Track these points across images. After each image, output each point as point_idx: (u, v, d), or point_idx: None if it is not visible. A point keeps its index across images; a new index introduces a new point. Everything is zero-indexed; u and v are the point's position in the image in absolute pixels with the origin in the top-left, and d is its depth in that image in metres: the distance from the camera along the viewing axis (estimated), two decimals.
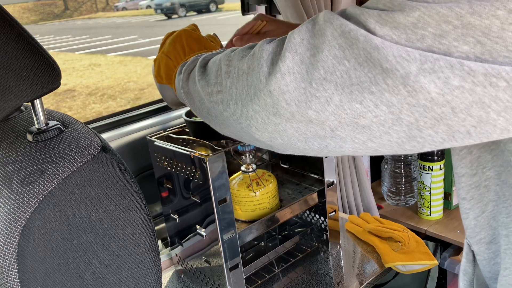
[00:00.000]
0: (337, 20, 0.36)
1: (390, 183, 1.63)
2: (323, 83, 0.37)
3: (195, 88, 0.56)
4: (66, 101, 5.55)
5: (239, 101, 0.44)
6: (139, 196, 0.60)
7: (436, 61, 0.32)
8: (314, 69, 0.37)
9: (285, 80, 0.39)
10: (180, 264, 1.09)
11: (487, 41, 0.31)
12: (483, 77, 0.32)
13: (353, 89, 0.35)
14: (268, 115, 0.41)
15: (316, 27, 0.38)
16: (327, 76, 0.36)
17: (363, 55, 0.34)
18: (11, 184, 0.53)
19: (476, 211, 0.52)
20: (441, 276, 1.55)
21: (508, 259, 0.49)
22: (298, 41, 0.38)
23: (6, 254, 0.50)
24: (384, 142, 0.38)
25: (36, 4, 13.90)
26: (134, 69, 6.75)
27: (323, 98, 0.37)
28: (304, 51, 0.38)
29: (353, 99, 0.36)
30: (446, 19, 0.32)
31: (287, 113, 0.40)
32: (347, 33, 0.35)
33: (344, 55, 0.35)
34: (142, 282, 0.60)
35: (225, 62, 0.48)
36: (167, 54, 0.72)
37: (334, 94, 0.36)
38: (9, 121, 0.68)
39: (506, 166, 0.46)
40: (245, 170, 1.00)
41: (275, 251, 1.09)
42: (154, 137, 1.00)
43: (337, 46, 0.36)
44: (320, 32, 0.37)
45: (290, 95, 0.39)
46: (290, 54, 0.38)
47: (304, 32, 0.39)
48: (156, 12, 12.11)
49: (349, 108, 0.36)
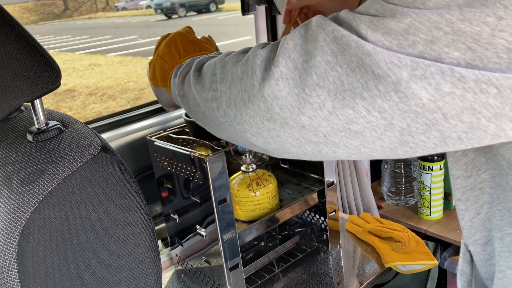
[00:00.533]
0: (329, 26, 0.37)
1: (390, 183, 1.63)
2: (316, 89, 0.37)
3: (190, 91, 0.56)
4: (66, 101, 5.55)
5: (233, 106, 0.44)
6: (139, 196, 0.60)
7: (427, 68, 0.32)
8: (307, 74, 0.37)
9: (278, 86, 0.39)
10: (180, 264, 1.09)
11: (477, 47, 0.32)
12: (474, 84, 0.32)
13: (345, 95, 0.36)
14: (262, 120, 0.42)
15: (309, 33, 0.38)
16: (320, 82, 0.36)
17: (355, 61, 0.34)
18: (11, 184, 0.53)
19: (471, 213, 0.52)
20: (441, 276, 1.55)
21: (502, 262, 0.49)
22: (291, 47, 0.39)
23: (6, 254, 0.50)
24: (377, 147, 0.38)
25: (36, 4, 13.90)
26: (134, 69, 6.75)
27: (316, 104, 0.37)
28: (297, 57, 0.38)
29: (346, 105, 0.36)
30: (437, 25, 0.32)
31: (280, 118, 0.40)
32: (339, 39, 0.35)
33: (337, 61, 0.35)
34: (142, 282, 0.60)
35: (219, 66, 0.48)
36: (162, 57, 0.71)
37: (327, 100, 0.36)
38: (9, 121, 0.68)
39: (500, 169, 0.46)
40: (245, 170, 1.00)
41: (275, 251, 1.09)
42: (154, 137, 1.00)
43: (330, 51, 0.36)
44: (312, 38, 0.37)
45: (283, 101, 0.39)
46: (283, 59, 0.38)
47: (297, 37, 0.39)
48: (156, 12, 12.11)
49: (342, 114, 0.36)
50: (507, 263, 0.48)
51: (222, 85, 0.47)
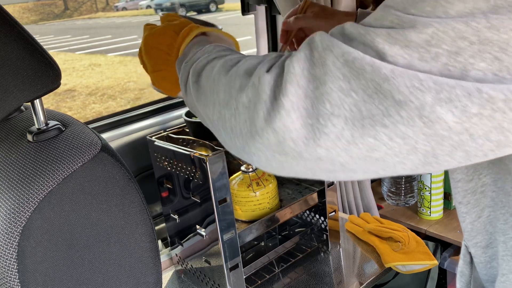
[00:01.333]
0: (337, 48, 0.34)
1: (390, 183, 1.63)
2: (331, 118, 0.34)
3: (195, 106, 0.52)
4: (66, 101, 5.55)
5: (239, 136, 0.41)
6: (139, 196, 0.60)
7: (452, 90, 0.30)
8: (320, 103, 0.34)
9: (290, 118, 0.35)
10: (180, 264, 1.09)
11: (505, 57, 0.30)
12: (503, 103, 0.30)
13: (364, 123, 0.33)
14: (273, 154, 0.38)
15: (315, 55, 0.35)
16: (335, 111, 0.33)
17: (372, 86, 0.32)
18: (11, 184, 0.53)
19: (473, 216, 0.52)
20: (441, 276, 1.55)
21: (505, 265, 0.49)
22: (298, 72, 0.35)
23: (6, 254, 0.50)
24: (398, 170, 0.36)
25: (36, 4, 13.90)
26: (134, 69, 6.75)
27: (333, 134, 0.34)
28: (306, 84, 0.35)
29: (366, 133, 0.33)
30: (462, 35, 0.30)
31: (293, 152, 0.37)
32: (351, 63, 0.33)
33: (351, 86, 0.33)
34: (142, 282, 0.60)
35: (223, 88, 0.44)
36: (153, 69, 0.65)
37: (344, 130, 0.34)
38: (9, 121, 0.68)
39: (503, 173, 0.46)
40: (245, 170, 1.00)
41: (275, 251, 1.09)
42: (154, 137, 1.00)
43: (341, 76, 0.33)
44: (320, 61, 0.34)
45: (296, 133, 0.35)
46: (292, 87, 0.35)
47: (303, 60, 0.36)
48: (156, 12, 12.11)
49: (362, 143, 0.34)
50: (509, 266, 0.48)
51: (226, 110, 0.42)
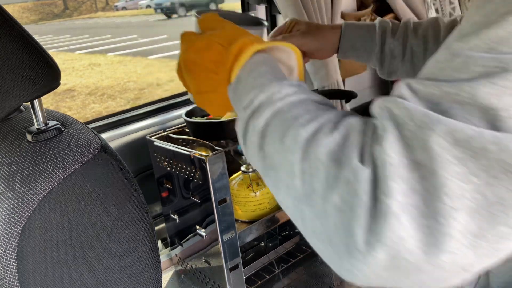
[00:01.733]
0: (438, 124, 0.28)
1: None
2: (451, 213, 0.27)
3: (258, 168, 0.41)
4: (66, 101, 5.54)
5: (328, 244, 0.32)
6: (139, 196, 0.59)
7: None
8: (435, 198, 0.27)
9: (401, 223, 0.28)
10: (180, 264, 1.09)
11: None
12: None
13: (493, 210, 0.27)
14: (380, 272, 0.30)
15: (407, 135, 0.29)
16: (455, 203, 0.27)
17: (498, 166, 0.26)
18: (11, 184, 0.53)
19: None
20: None
21: None
22: (396, 162, 0.28)
23: (5, 254, 0.50)
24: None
25: (35, 4, 13.91)
26: (134, 69, 6.74)
27: (458, 233, 0.27)
28: (409, 174, 0.28)
29: (496, 222, 0.27)
30: None
31: (409, 265, 0.28)
32: (465, 142, 0.27)
33: (468, 170, 0.27)
34: (142, 282, 0.60)
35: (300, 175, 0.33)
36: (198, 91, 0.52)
37: (468, 223, 0.27)
38: (9, 121, 0.68)
39: None
40: (245, 170, 1.00)
41: (275, 251, 1.09)
42: (154, 137, 1.00)
43: (454, 160, 0.27)
44: (418, 144, 0.28)
45: (413, 242, 0.28)
46: (394, 182, 0.28)
47: (394, 143, 0.29)
48: (156, 11, 12.11)
49: (492, 234, 0.27)
50: None
51: (306, 206, 0.33)
